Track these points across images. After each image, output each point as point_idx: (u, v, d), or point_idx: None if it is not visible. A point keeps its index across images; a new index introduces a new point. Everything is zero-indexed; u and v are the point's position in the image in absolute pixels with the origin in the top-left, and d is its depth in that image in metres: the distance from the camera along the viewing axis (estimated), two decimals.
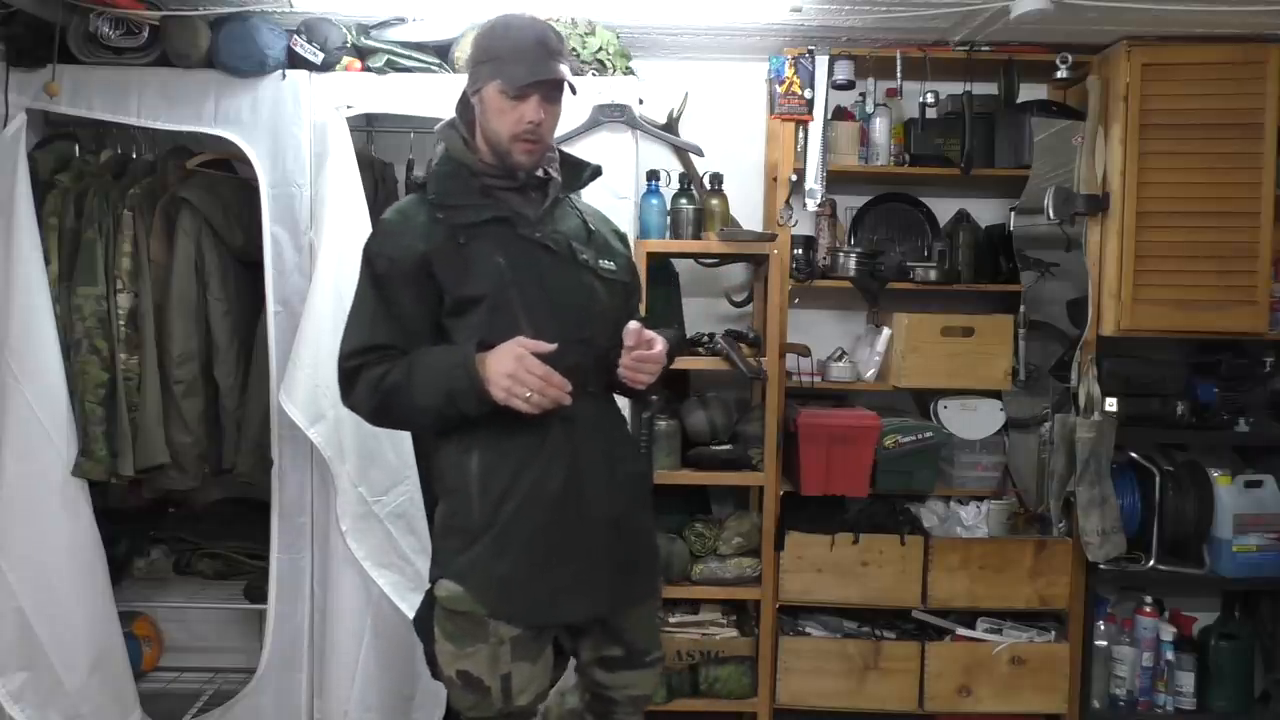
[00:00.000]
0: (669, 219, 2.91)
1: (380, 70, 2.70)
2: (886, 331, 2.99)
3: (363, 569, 2.61)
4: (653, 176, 2.91)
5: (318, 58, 2.64)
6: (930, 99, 2.93)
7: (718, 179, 2.95)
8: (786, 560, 2.90)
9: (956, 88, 2.95)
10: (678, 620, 2.97)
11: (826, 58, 2.88)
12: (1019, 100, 2.98)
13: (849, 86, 2.91)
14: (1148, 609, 3.00)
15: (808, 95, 2.88)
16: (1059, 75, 2.90)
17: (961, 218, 3.15)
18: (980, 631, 2.95)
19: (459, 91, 1.93)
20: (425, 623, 1.87)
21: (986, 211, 3.21)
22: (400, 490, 2.61)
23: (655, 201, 2.90)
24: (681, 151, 3.01)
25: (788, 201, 2.93)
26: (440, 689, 2.30)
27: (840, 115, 3.03)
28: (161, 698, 2.96)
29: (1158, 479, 2.93)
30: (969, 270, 3.06)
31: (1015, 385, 2.95)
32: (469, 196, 1.84)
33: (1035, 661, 2.91)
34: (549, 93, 1.82)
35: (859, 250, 2.98)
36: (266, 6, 2.60)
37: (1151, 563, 2.94)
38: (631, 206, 2.76)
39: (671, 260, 3.08)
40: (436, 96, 2.60)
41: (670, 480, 2.84)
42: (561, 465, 1.80)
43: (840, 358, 3.02)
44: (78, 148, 2.80)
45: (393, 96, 2.70)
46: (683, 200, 2.90)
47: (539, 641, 1.83)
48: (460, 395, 1.72)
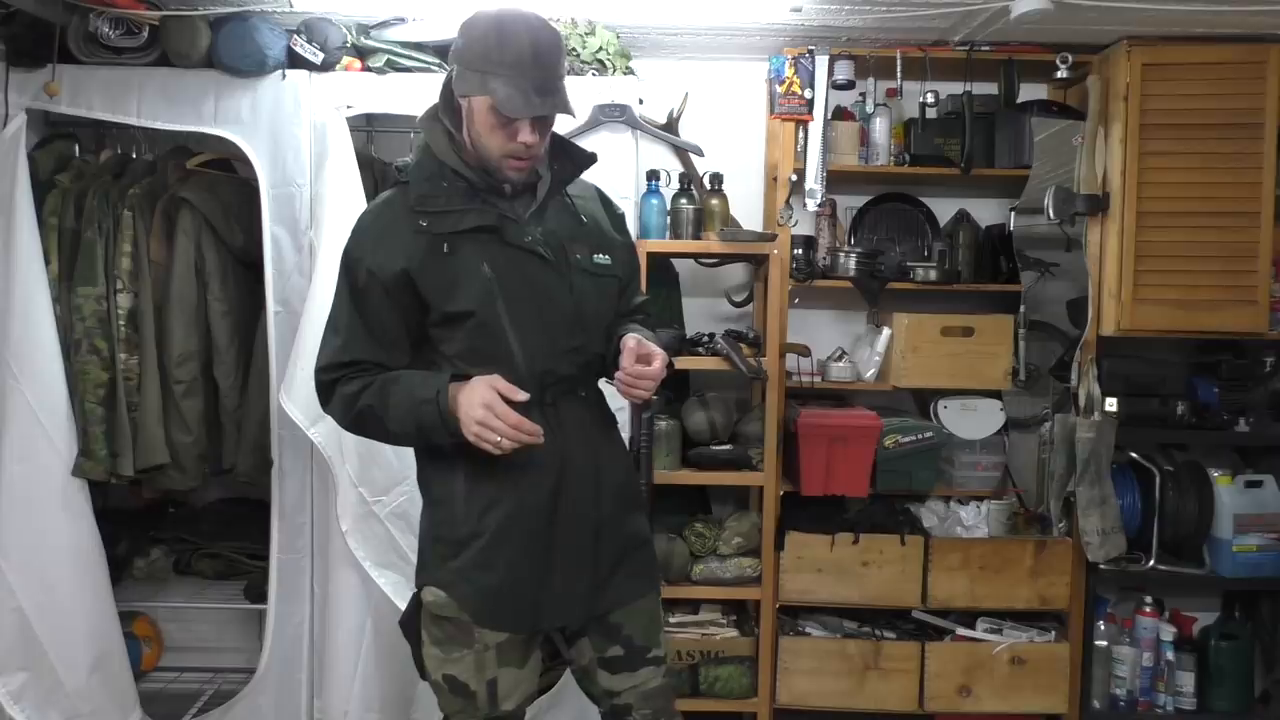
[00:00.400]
0: (669, 219, 2.91)
1: (380, 70, 2.70)
2: (886, 331, 2.98)
3: (363, 569, 2.61)
4: (653, 176, 2.91)
5: (318, 58, 2.64)
6: (930, 99, 2.93)
7: (718, 179, 2.95)
8: (786, 560, 2.90)
9: (956, 88, 2.95)
10: (678, 620, 2.98)
11: (826, 58, 2.88)
12: (1019, 100, 2.98)
13: (849, 86, 2.91)
14: (1148, 609, 3.00)
15: (808, 95, 2.88)
16: (1059, 75, 2.89)
17: (961, 218, 3.15)
18: (980, 631, 2.95)
19: None
20: (412, 625, 1.86)
21: (986, 211, 3.21)
22: (400, 490, 2.60)
23: (655, 201, 2.90)
24: (681, 151, 3.02)
25: (788, 201, 2.93)
26: None
27: (840, 115, 3.03)
28: (161, 698, 2.96)
29: (1158, 479, 2.93)
30: (969, 270, 3.06)
31: (1015, 385, 2.95)
32: (453, 201, 1.75)
33: (1035, 661, 2.91)
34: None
35: (859, 250, 2.98)
36: (266, 6, 2.60)
37: (1151, 563, 2.94)
38: (631, 206, 2.76)
39: (671, 260, 3.08)
40: (436, 96, 2.59)
41: (670, 480, 2.85)
42: (548, 476, 1.77)
43: (840, 358, 3.02)
44: (78, 148, 2.80)
45: (393, 96, 2.69)
46: (683, 200, 2.90)
47: (526, 646, 1.82)
48: (430, 430, 1.69)
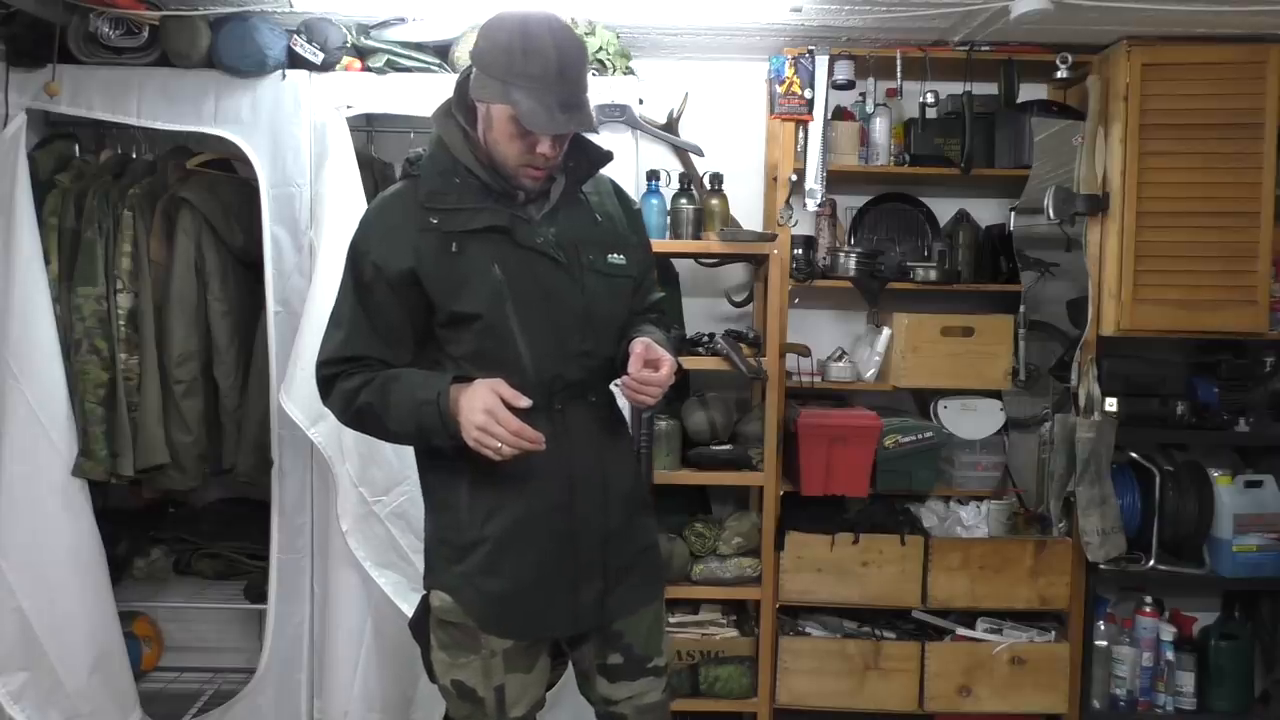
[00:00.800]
0: (669, 219, 2.91)
1: (380, 70, 2.70)
2: (886, 331, 2.98)
3: (363, 569, 2.61)
4: (653, 176, 2.91)
5: (318, 58, 2.64)
6: (930, 99, 2.93)
7: (718, 179, 2.95)
8: (786, 560, 2.90)
9: (956, 88, 2.95)
10: (678, 620, 2.98)
11: (826, 58, 2.88)
12: (1019, 100, 2.98)
13: (849, 86, 2.91)
14: (1148, 609, 3.00)
15: (808, 95, 2.88)
16: (1059, 75, 2.89)
17: (961, 218, 3.15)
18: (980, 631, 2.95)
19: None
20: (421, 628, 1.85)
21: (986, 211, 3.21)
22: (400, 490, 2.61)
23: (655, 201, 2.90)
24: (681, 151, 3.02)
25: (788, 201, 2.93)
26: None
27: (840, 115, 3.03)
28: (161, 698, 2.96)
29: (1158, 479, 2.93)
30: (969, 270, 3.06)
31: (1015, 385, 2.95)
32: (465, 199, 1.72)
33: (1035, 661, 2.91)
34: None
35: (859, 250, 2.98)
36: (266, 6, 2.60)
37: (1151, 563, 2.94)
38: None
39: (671, 260, 3.08)
40: (436, 96, 2.56)
41: (670, 480, 2.84)
42: (554, 484, 1.74)
43: (840, 358, 3.02)
44: (78, 148, 2.80)
45: (393, 96, 2.70)
46: (683, 200, 2.90)
47: (532, 651, 1.81)
48: (431, 431, 1.67)
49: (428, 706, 2.74)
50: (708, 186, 2.95)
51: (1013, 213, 2.98)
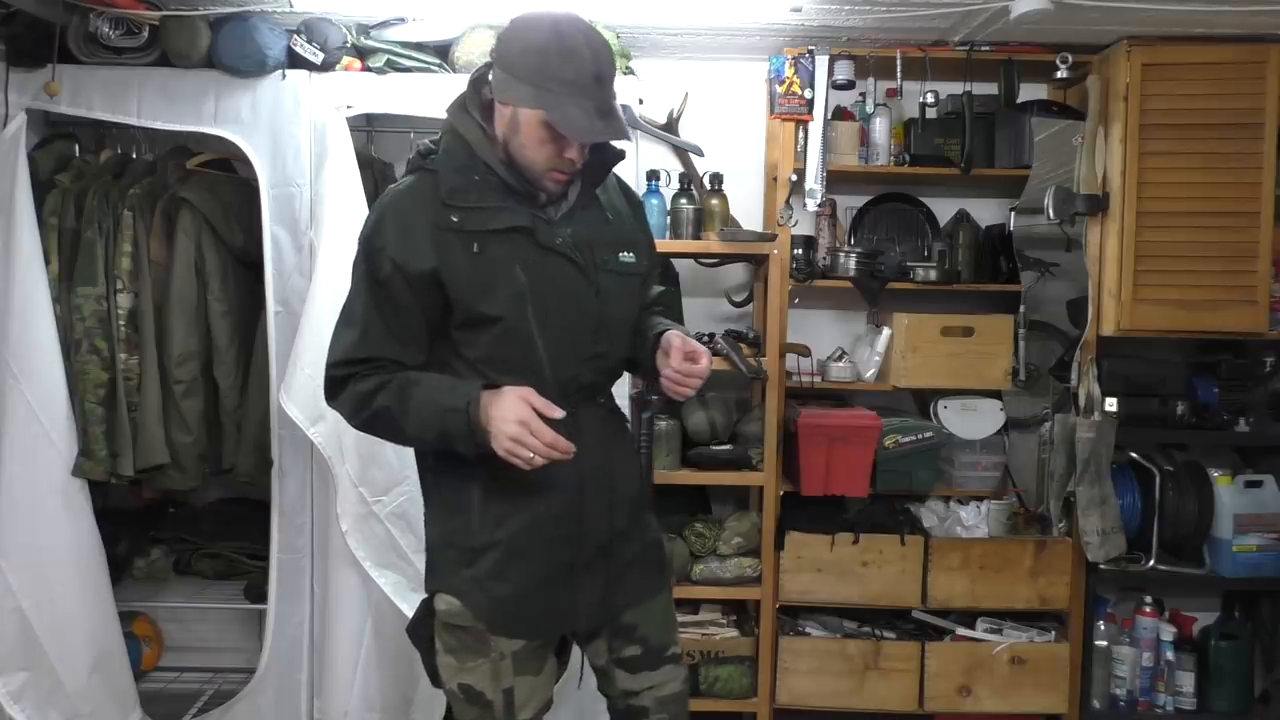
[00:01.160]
0: (669, 219, 2.91)
1: (380, 70, 2.70)
2: (886, 331, 2.98)
3: (363, 569, 2.61)
4: (653, 176, 2.91)
5: (318, 58, 2.64)
6: (930, 99, 2.93)
7: (718, 179, 2.95)
8: (786, 560, 2.90)
9: (956, 88, 2.94)
10: (677, 620, 2.98)
11: (826, 58, 2.88)
12: (1019, 100, 2.98)
13: (849, 86, 2.91)
14: (1148, 609, 3.00)
15: (808, 95, 2.88)
16: (1059, 75, 2.89)
17: (961, 218, 3.15)
18: (980, 631, 2.95)
19: (460, 90, 1.75)
20: (422, 632, 1.83)
21: (986, 211, 3.20)
22: (400, 490, 2.61)
23: (655, 201, 2.90)
24: (681, 151, 3.02)
25: (788, 201, 2.93)
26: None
27: (840, 115, 3.03)
28: (161, 698, 2.96)
29: (1158, 479, 2.93)
30: (969, 270, 3.06)
31: (1015, 385, 2.95)
32: (486, 197, 1.67)
33: (1035, 661, 2.91)
34: None
35: (859, 250, 2.98)
36: (266, 6, 2.60)
37: (1151, 563, 2.94)
38: None
39: (671, 260, 3.08)
40: (436, 96, 2.60)
41: (670, 480, 2.84)
42: (567, 487, 1.73)
43: (840, 358, 3.02)
44: (78, 148, 2.80)
45: (393, 96, 2.70)
46: (683, 200, 2.90)
47: (541, 654, 1.81)
48: (455, 439, 1.63)
49: (427, 707, 2.74)
50: (708, 186, 2.95)
51: (1013, 213, 2.98)
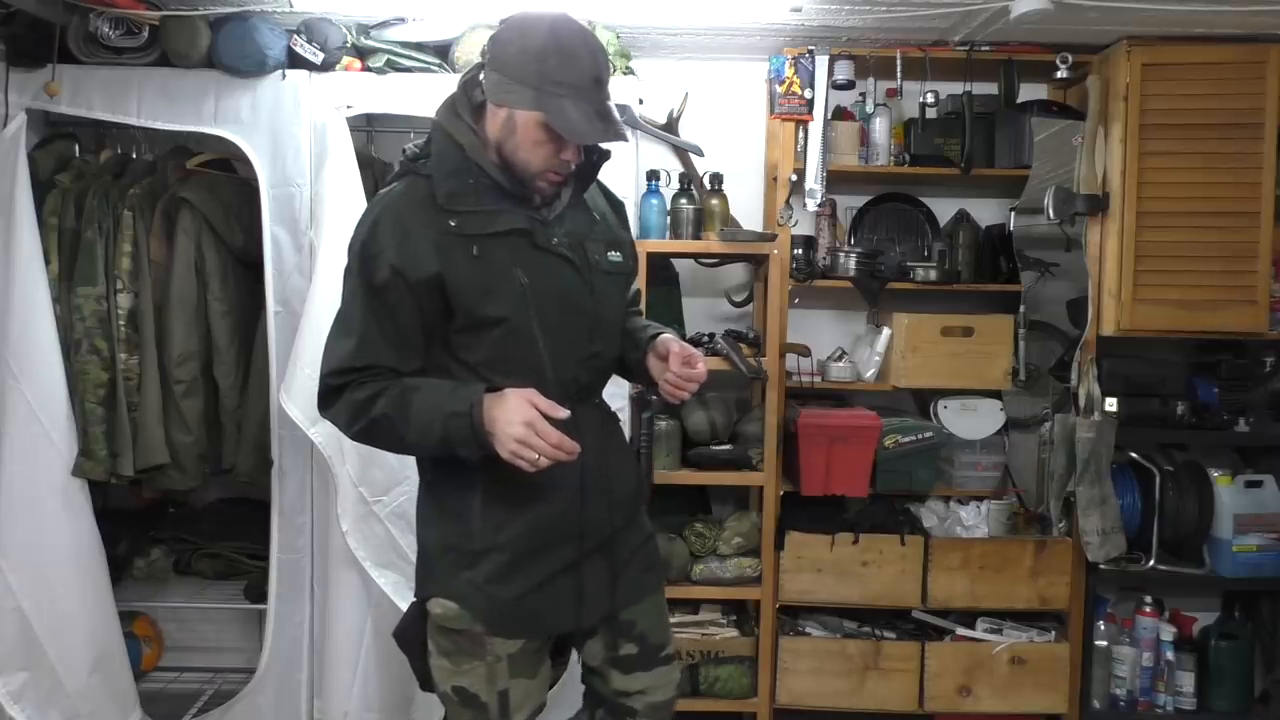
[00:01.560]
0: (669, 219, 2.91)
1: (380, 70, 2.70)
2: (886, 331, 2.99)
3: (363, 569, 2.61)
4: (653, 176, 2.92)
5: (318, 58, 2.64)
6: (930, 99, 2.93)
7: (718, 179, 2.95)
8: (786, 560, 2.90)
9: (956, 88, 2.94)
10: (678, 620, 2.97)
11: (826, 58, 2.88)
12: (1019, 100, 2.98)
13: (849, 86, 2.91)
14: (1148, 609, 3.00)
15: (808, 95, 2.88)
16: (1059, 75, 2.89)
17: (961, 218, 3.15)
18: (980, 631, 2.95)
19: None
20: (412, 637, 1.81)
21: (986, 211, 3.21)
22: (400, 490, 2.60)
23: (655, 201, 2.90)
24: (681, 151, 3.02)
25: (788, 201, 2.93)
26: None
27: (840, 115, 3.03)
28: (161, 698, 2.96)
29: (1158, 479, 2.93)
30: (969, 270, 3.06)
31: (1015, 385, 2.95)
32: (482, 200, 1.67)
33: (1035, 661, 2.91)
34: None
35: (859, 250, 2.98)
36: (266, 6, 2.60)
37: (1151, 563, 2.94)
38: (632, 206, 2.75)
39: (671, 260, 3.08)
40: (437, 96, 2.56)
41: (670, 480, 2.85)
42: (566, 487, 1.73)
43: (840, 358, 3.02)
44: (78, 148, 2.80)
45: (393, 96, 2.69)
46: (683, 200, 2.90)
47: (537, 656, 1.81)
48: (458, 443, 1.61)
49: (427, 707, 2.74)
50: (708, 186, 2.95)
51: (1013, 213, 2.98)
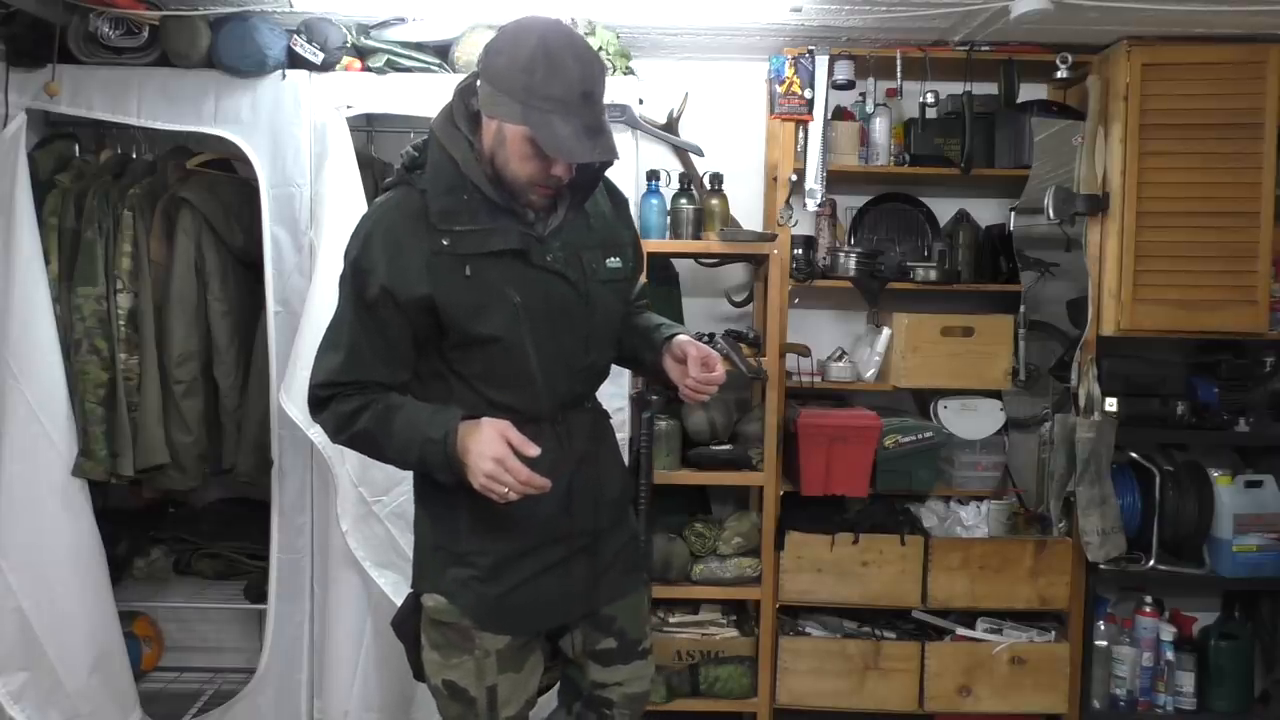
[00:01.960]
0: (669, 219, 2.91)
1: (380, 70, 2.70)
2: (886, 331, 2.98)
3: (363, 569, 2.61)
4: (653, 176, 2.91)
5: (318, 58, 2.64)
6: (930, 99, 2.93)
7: (718, 179, 2.95)
8: (786, 560, 2.90)
9: (956, 88, 2.94)
10: (678, 620, 2.98)
11: (826, 58, 2.88)
12: (1019, 100, 2.98)
13: (849, 86, 2.91)
14: (1148, 609, 3.00)
15: (808, 95, 2.88)
16: (1059, 75, 2.89)
17: (961, 218, 3.15)
18: (980, 631, 2.95)
19: None
20: (408, 627, 1.85)
21: (986, 211, 3.20)
22: (400, 490, 2.60)
23: (655, 201, 2.90)
24: (681, 151, 3.02)
25: (788, 201, 2.93)
26: None
27: (840, 115, 3.03)
28: (161, 698, 2.96)
29: (1158, 479, 2.93)
30: (969, 270, 3.06)
31: (1015, 385, 2.95)
32: (477, 218, 1.65)
33: (1035, 661, 2.91)
34: None
35: (859, 250, 2.98)
36: (266, 6, 2.60)
37: (1151, 563, 2.94)
38: (632, 206, 2.75)
39: (671, 260, 3.08)
40: (436, 96, 2.57)
41: (670, 480, 2.85)
42: (554, 492, 1.71)
43: (840, 358, 3.02)
44: (78, 148, 2.80)
45: (393, 96, 2.70)
46: (683, 200, 2.90)
47: (525, 652, 1.83)
48: (434, 469, 1.65)
49: (428, 706, 2.71)
50: (708, 186, 2.95)
51: (1013, 213, 2.98)
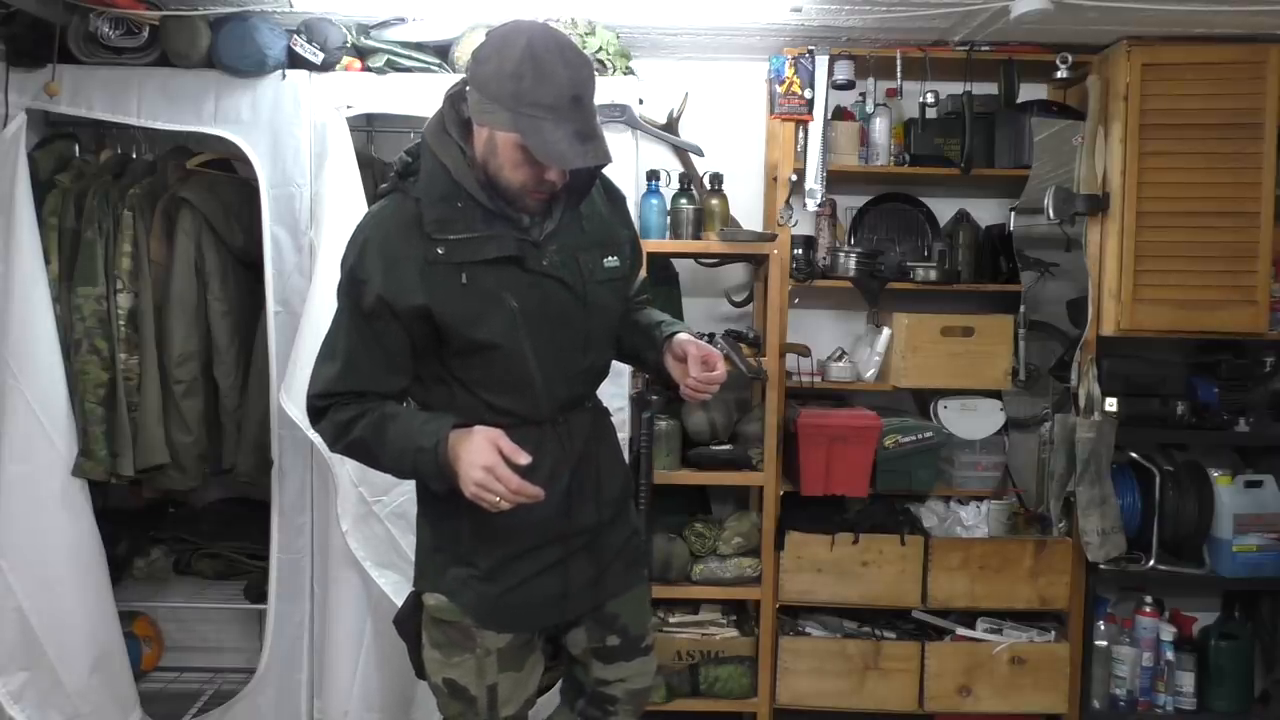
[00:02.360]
0: (669, 219, 2.91)
1: (380, 70, 2.70)
2: (886, 331, 2.98)
3: (363, 569, 2.61)
4: (653, 176, 2.92)
5: (318, 58, 2.64)
6: (930, 99, 2.93)
7: (718, 179, 2.95)
8: (786, 560, 2.90)
9: (956, 88, 2.94)
10: (678, 620, 2.98)
11: (826, 58, 2.88)
12: (1019, 100, 2.98)
13: (849, 86, 2.91)
14: (1148, 609, 3.00)
15: (808, 95, 2.88)
16: (1059, 75, 2.89)
17: (961, 218, 3.15)
18: (980, 631, 2.95)
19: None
20: (410, 626, 1.85)
21: (986, 211, 3.20)
22: (400, 490, 2.60)
23: (655, 201, 2.90)
24: (681, 151, 3.02)
25: (788, 201, 2.93)
26: None
27: (840, 115, 3.03)
28: (161, 698, 2.96)
29: (1158, 479, 2.93)
30: (969, 270, 3.06)
31: (1015, 385, 2.95)
32: (472, 225, 1.64)
33: (1035, 661, 2.91)
34: None
35: (859, 250, 2.98)
36: (266, 6, 2.60)
37: (1151, 563, 2.94)
38: (632, 206, 2.75)
39: (671, 260, 3.08)
40: (436, 96, 2.56)
41: (670, 480, 2.85)
42: (555, 492, 1.73)
43: (840, 358, 3.02)
44: (78, 148, 2.80)
45: (393, 96, 2.69)
46: (683, 200, 2.90)
47: (526, 651, 1.83)
48: (426, 477, 1.66)
49: (428, 706, 2.73)
50: (708, 186, 2.95)
51: (1013, 213, 2.98)
